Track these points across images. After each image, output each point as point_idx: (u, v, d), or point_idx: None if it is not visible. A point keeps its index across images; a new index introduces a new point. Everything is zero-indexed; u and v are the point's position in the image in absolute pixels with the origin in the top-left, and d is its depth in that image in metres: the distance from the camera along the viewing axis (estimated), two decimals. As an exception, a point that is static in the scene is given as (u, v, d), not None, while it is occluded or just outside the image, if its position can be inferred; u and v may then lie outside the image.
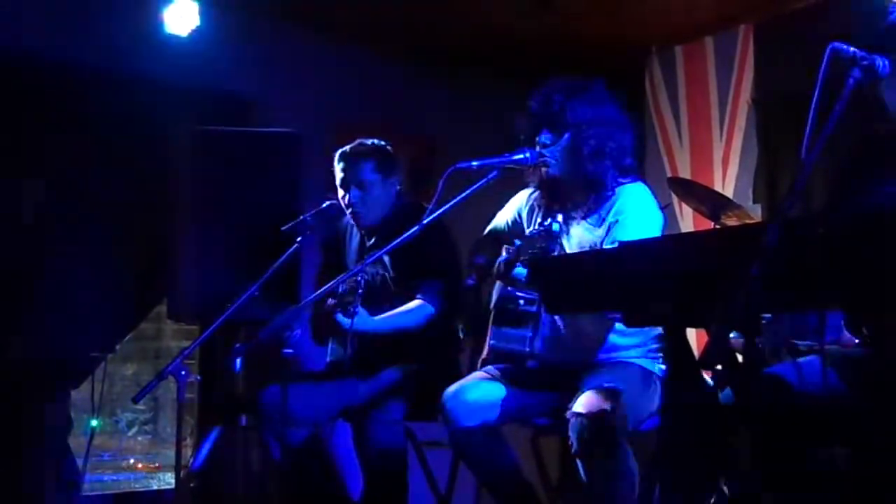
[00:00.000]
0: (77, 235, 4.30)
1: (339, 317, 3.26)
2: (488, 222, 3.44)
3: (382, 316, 3.47)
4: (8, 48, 4.26)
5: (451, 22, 5.21)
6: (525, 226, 3.25)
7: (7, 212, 4.20)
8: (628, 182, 3.07)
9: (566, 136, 3.05)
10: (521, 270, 2.93)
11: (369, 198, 3.61)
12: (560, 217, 2.81)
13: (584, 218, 3.07)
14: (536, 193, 3.25)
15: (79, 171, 4.35)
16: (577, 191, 3.08)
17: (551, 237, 2.79)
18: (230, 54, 4.82)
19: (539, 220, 3.17)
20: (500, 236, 3.31)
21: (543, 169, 3.09)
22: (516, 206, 3.35)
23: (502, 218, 3.38)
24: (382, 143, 3.70)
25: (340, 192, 3.63)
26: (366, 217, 3.63)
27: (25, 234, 4.22)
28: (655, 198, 3.11)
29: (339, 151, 3.67)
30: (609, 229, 3.00)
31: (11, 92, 4.25)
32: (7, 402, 4.00)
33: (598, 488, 2.76)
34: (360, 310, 3.27)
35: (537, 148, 3.08)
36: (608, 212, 3.04)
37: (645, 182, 3.17)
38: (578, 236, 3.05)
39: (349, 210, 3.63)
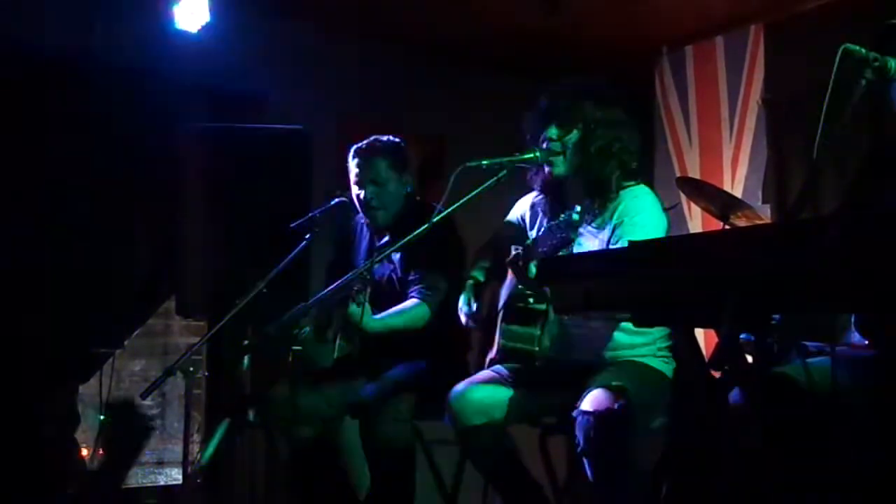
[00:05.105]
0: (85, 231, 4.31)
1: (352, 308, 3.25)
2: (496, 222, 3.43)
3: (384, 314, 3.46)
4: (18, 44, 4.27)
5: (462, 20, 5.20)
6: (528, 230, 3.25)
7: (15, 207, 4.21)
8: (632, 185, 3.07)
9: (574, 132, 3.05)
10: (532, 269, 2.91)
11: (384, 195, 3.61)
12: (579, 207, 2.79)
13: (588, 223, 3.06)
14: (539, 197, 3.25)
15: (88, 167, 4.35)
16: (581, 193, 3.08)
17: (571, 226, 2.77)
18: (240, 51, 4.81)
19: (544, 223, 3.16)
20: (503, 241, 3.30)
21: (548, 168, 3.08)
22: (519, 210, 3.34)
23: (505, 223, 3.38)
24: (397, 139, 3.70)
25: (355, 190, 3.63)
26: (380, 215, 3.63)
27: (33, 230, 4.23)
28: (659, 200, 3.10)
29: (355, 148, 3.66)
30: (613, 232, 2.99)
31: (20, 87, 4.26)
32: (14, 398, 4.01)
33: (604, 487, 2.75)
34: (366, 308, 3.27)
35: (543, 145, 3.08)
36: (612, 214, 3.03)
37: (651, 184, 3.16)
38: (583, 240, 3.05)
39: (364, 207, 3.63)
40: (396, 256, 3.56)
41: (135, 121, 4.41)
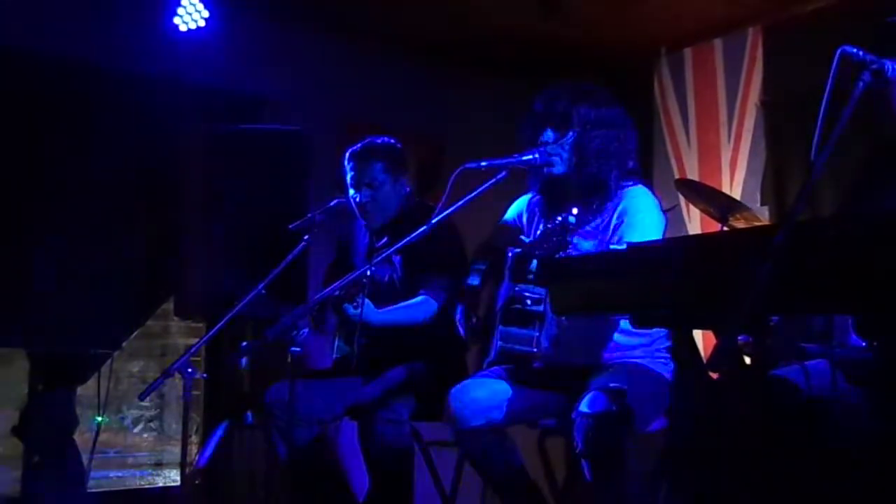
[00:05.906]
0: (85, 232, 4.31)
1: (348, 307, 3.25)
2: (495, 223, 3.43)
3: (388, 308, 3.47)
4: (17, 47, 4.27)
5: (460, 23, 5.21)
6: (526, 231, 3.24)
7: (16, 210, 4.21)
8: (631, 185, 3.07)
9: (570, 134, 3.05)
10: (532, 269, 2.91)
11: (380, 197, 3.61)
12: (575, 210, 2.78)
13: (587, 223, 3.06)
14: (537, 199, 3.25)
15: (87, 169, 4.36)
16: (580, 193, 3.07)
17: (567, 230, 2.76)
18: (239, 53, 4.82)
19: (541, 224, 3.16)
20: (499, 243, 3.30)
21: (546, 169, 3.08)
22: (517, 211, 3.34)
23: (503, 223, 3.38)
24: (392, 141, 3.69)
25: (351, 192, 3.63)
26: (376, 217, 3.63)
27: (34, 232, 4.23)
28: (658, 200, 3.10)
29: (350, 151, 3.66)
30: (614, 233, 2.99)
31: (20, 90, 4.26)
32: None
33: (603, 489, 2.75)
34: (366, 301, 3.27)
35: (541, 147, 3.08)
36: (612, 215, 3.03)
37: (649, 185, 3.16)
38: (583, 241, 3.04)
39: (360, 210, 3.63)
40: (397, 258, 3.56)
41: (134, 122, 4.41)
